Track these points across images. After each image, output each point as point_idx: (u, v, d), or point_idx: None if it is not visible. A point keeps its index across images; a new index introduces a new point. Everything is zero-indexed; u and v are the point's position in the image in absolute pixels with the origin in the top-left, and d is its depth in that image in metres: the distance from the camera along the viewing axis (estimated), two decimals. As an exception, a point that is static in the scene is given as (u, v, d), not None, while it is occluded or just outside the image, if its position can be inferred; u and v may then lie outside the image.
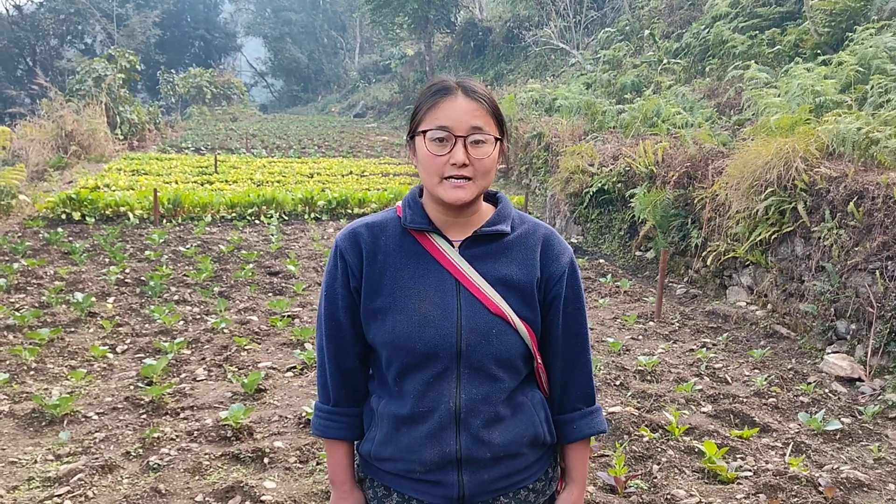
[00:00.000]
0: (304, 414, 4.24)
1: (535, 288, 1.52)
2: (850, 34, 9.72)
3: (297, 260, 8.83)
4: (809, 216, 6.25)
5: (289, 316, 6.46)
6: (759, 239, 6.75)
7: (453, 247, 1.52)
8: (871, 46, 8.78)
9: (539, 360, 1.57)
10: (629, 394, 4.79)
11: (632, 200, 9.05)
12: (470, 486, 1.50)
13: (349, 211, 12.73)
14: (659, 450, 3.93)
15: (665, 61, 14.85)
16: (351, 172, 17.37)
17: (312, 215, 12.31)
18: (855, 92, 8.07)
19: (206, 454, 3.77)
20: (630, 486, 3.54)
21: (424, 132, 1.47)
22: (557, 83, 19.51)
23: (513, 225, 1.55)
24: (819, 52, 10.41)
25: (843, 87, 8.33)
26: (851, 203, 5.73)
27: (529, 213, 12.18)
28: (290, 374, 5.10)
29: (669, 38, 16.31)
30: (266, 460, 3.73)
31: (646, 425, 4.20)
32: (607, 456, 3.87)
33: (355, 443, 1.65)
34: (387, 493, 1.56)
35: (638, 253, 9.29)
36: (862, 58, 8.68)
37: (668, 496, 3.45)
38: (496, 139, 1.48)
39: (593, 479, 3.63)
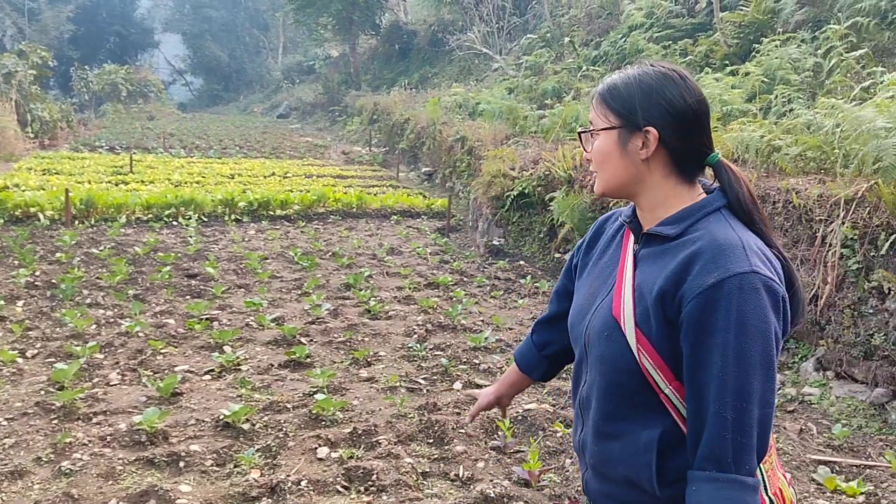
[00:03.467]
0: (221, 416, 4.20)
1: (659, 301, 1.34)
2: (757, 46, 10.23)
3: (217, 262, 8.69)
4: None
5: (207, 319, 6.36)
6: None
7: (636, 243, 1.50)
8: (776, 58, 9.29)
9: (666, 391, 1.38)
10: (545, 391, 4.94)
11: (551, 204, 9.28)
12: (590, 484, 1.54)
13: (271, 212, 12.57)
14: (572, 444, 4.08)
15: (584, 68, 15.26)
16: (273, 174, 17.14)
17: (233, 217, 12.11)
18: (760, 101, 8.51)
19: (119, 459, 3.70)
20: (543, 480, 3.67)
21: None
22: (481, 87, 19.77)
23: (687, 229, 1.39)
24: (728, 62, 10.92)
25: (749, 97, 8.77)
26: (753, 207, 6.05)
27: (453, 216, 12.37)
28: (207, 377, 5.03)
29: (588, 45, 16.78)
30: (181, 464, 3.68)
31: (560, 421, 4.35)
32: (522, 451, 3.99)
33: None
34: None
35: (557, 255, 9.53)
36: (767, 68, 9.17)
37: (580, 488, 3.59)
38: (601, 130, 1.46)
39: (508, 474, 3.74)
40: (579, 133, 1.53)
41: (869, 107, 5.80)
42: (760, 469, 1.37)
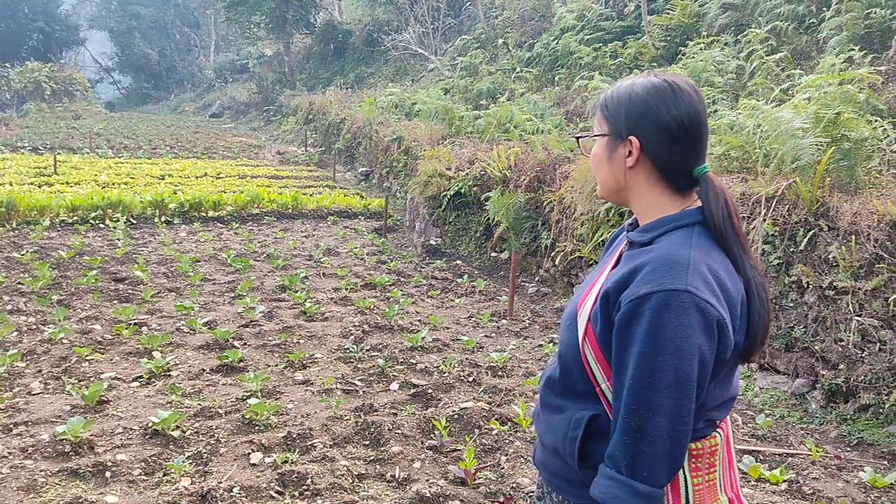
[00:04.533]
0: (150, 424, 4.09)
1: (604, 301, 1.40)
2: (683, 48, 10.53)
3: (146, 266, 8.45)
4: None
5: (136, 324, 6.18)
6: (601, 239, 7.18)
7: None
8: (701, 60, 9.56)
9: (603, 386, 1.43)
10: (481, 389, 4.98)
11: (487, 203, 9.36)
12: (536, 452, 1.65)
13: (203, 214, 12.30)
14: (507, 441, 4.12)
15: (518, 69, 15.43)
16: (206, 174, 16.76)
17: (163, 219, 11.79)
18: (685, 103, 8.74)
19: (41, 471, 3.56)
20: (479, 478, 3.69)
21: None
22: (417, 87, 19.77)
23: (653, 239, 1.44)
24: (656, 64, 11.20)
25: (675, 99, 8.99)
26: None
27: (390, 216, 12.33)
28: (136, 384, 4.89)
29: (522, 47, 16.96)
30: (108, 474, 3.57)
31: (496, 419, 4.38)
32: (459, 450, 4.01)
33: None
34: None
35: (493, 254, 9.61)
36: (693, 70, 9.43)
37: (514, 484, 3.63)
38: (595, 136, 1.54)
39: (444, 473, 3.76)
40: (577, 137, 1.63)
41: (787, 108, 6.03)
42: (687, 482, 1.41)
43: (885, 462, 4.13)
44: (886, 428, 4.40)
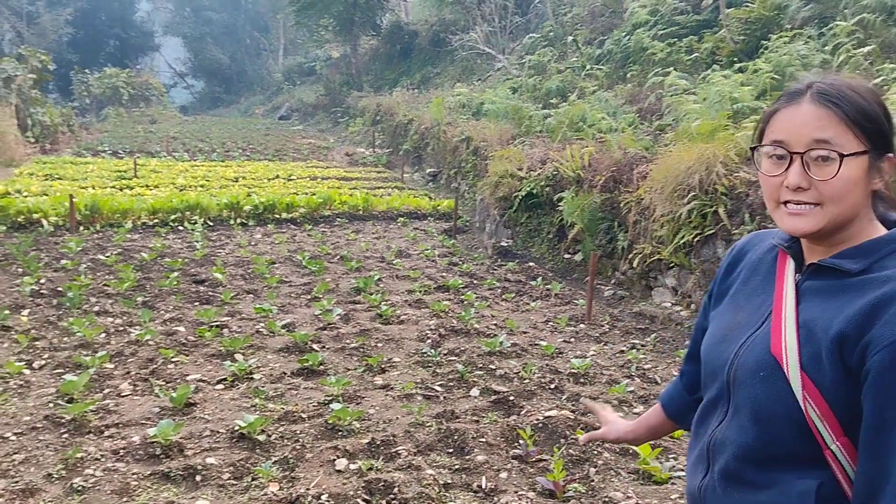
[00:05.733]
0: (236, 427, 4.12)
1: (838, 346, 1.17)
2: (765, 42, 10.14)
3: (224, 267, 8.61)
4: (730, 219, 6.48)
5: (217, 326, 6.28)
6: (682, 241, 6.95)
7: (798, 272, 1.32)
8: (784, 54, 9.20)
9: (833, 447, 1.20)
10: (564, 397, 4.85)
11: (560, 204, 9.20)
12: None
13: (277, 216, 12.50)
14: (595, 452, 3.99)
15: (588, 67, 15.17)
16: (277, 176, 17.07)
17: (238, 221, 12.03)
18: (770, 98, 8.42)
19: (133, 474, 3.62)
20: (569, 491, 3.58)
21: (756, 148, 1.32)
22: (484, 87, 19.69)
23: (872, 265, 1.21)
24: (735, 59, 10.82)
25: (759, 94, 8.68)
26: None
27: (459, 217, 12.28)
28: (220, 386, 4.95)
29: (592, 44, 16.68)
30: (198, 478, 3.60)
31: (581, 428, 4.26)
32: (545, 461, 3.91)
33: None
34: None
35: (567, 256, 9.44)
36: (777, 65, 9.08)
37: (606, 498, 3.51)
38: (849, 155, 1.19)
39: (532, 484, 3.66)
40: (807, 151, 1.22)
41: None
42: None
43: None
44: None
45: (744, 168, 6.63)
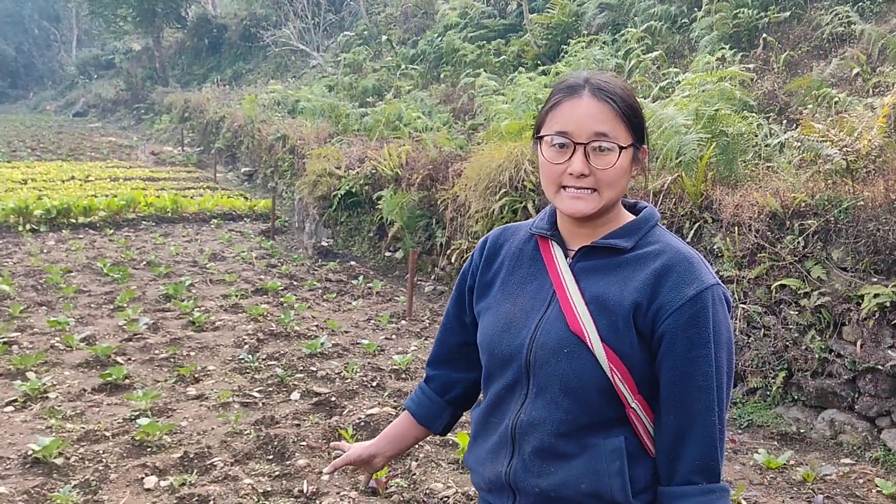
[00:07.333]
0: (30, 452, 3.73)
1: (633, 315, 1.30)
2: (565, 47, 10.78)
3: (12, 278, 7.78)
4: (538, 213, 6.81)
5: (5, 342, 5.66)
6: (496, 236, 7.21)
7: (567, 256, 1.41)
8: (582, 58, 9.82)
9: (633, 405, 1.32)
10: (386, 394, 4.87)
11: (379, 202, 9.23)
12: None
13: (73, 220, 11.49)
14: (416, 446, 4.04)
15: (403, 67, 15.36)
16: (73, 177, 15.68)
17: (28, 227, 10.93)
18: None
19: None
20: (391, 486, 3.59)
21: (541, 137, 1.37)
22: (299, 85, 19.33)
23: (638, 242, 1.37)
24: (539, 62, 11.42)
25: (561, 96, 9.19)
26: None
27: (278, 217, 11.97)
28: (9, 408, 4.46)
29: (406, 44, 16.91)
30: (-18, 514, 3.22)
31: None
32: (368, 458, 3.89)
33: None
34: None
35: (388, 253, 9.50)
36: (576, 68, 9.66)
37: (428, 490, 3.56)
38: (626, 147, 1.33)
39: (354, 484, 3.63)
40: (589, 143, 1.32)
41: (669, 105, 6.26)
42: None
43: (776, 443, 4.35)
44: (774, 409, 4.64)
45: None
